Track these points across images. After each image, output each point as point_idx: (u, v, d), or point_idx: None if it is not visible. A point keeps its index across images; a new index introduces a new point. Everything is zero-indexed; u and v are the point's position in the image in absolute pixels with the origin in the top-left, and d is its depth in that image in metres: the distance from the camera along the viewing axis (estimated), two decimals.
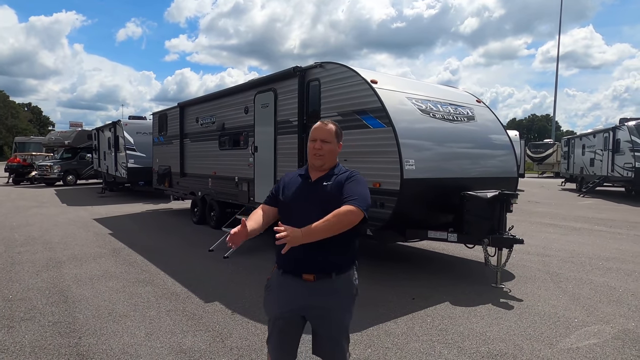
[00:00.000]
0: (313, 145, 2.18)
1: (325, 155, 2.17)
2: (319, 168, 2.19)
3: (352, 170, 2.23)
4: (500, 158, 6.20)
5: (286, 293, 2.12)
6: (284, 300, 2.12)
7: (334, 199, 2.04)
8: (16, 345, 3.37)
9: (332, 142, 2.20)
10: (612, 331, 3.72)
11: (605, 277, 5.40)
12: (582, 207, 13.25)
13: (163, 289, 4.81)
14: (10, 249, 6.76)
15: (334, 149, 2.20)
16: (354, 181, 2.12)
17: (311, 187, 2.16)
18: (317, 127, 2.22)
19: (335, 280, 2.09)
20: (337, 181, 2.13)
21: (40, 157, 25.78)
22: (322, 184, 2.14)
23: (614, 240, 7.91)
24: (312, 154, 2.18)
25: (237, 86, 8.34)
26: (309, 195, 2.13)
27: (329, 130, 2.20)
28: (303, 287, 2.07)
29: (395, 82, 5.94)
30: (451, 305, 4.35)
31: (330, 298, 2.08)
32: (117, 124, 15.41)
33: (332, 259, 2.07)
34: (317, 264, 2.06)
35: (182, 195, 11.04)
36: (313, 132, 2.21)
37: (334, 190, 2.09)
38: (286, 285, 2.12)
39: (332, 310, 2.09)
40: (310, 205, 2.05)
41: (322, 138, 2.17)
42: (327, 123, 2.23)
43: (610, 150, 16.41)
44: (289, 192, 2.18)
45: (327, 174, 2.18)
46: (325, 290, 2.07)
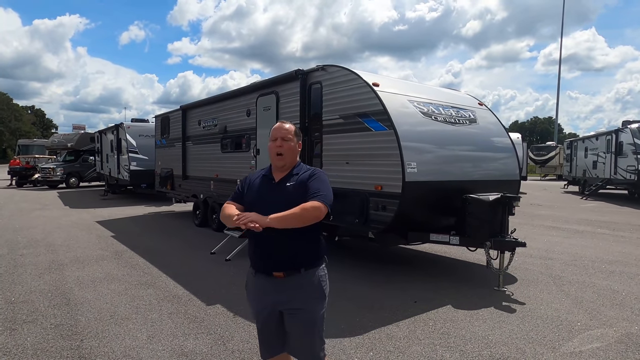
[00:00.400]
0: (274, 144, 2.22)
1: (286, 154, 2.21)
2: (281, 168, 2.24)
3: (314, 168, 2.30)
4: (502, 161, 6.19)
5: (260, 291, 2.21)
6: (259, 298, 2.22)
7: (298, 198, 2.10)
8: (18, 347, 3.38)
9: (292, 140, 2.25)
10: (615, 335, 3.70)
11: (608, 281, 5.37)
12: (585, 210, 13.21)
13: (165, 292, 4.81)
14: (13, 251, 6.78)
15: (294, 147, 2.25)
16: (316, 179, 2.18)
17: (275, 188, 2.21)
18: (276, 127, 2.28)
19: (304, 275, 2.15)
20: (300, 180, 2.18)
21: (43, 159, 25.87)
22: (286, 184, 2.19)
23: (617, 243, 7.88)
24: (274, 153, 2.22)
25: (239, 89, 8.37)
26: (273, 196, 2.17)
27: (288, 129, 2.26)
28: (274, 284, 2.15)
29: (397, 85, 5.95)
30: (453, 308, 4.34)
31: (299, 293, 2.14)
32: (119, 127, 15.46)
33: (300, 255, 2.15)
34: (285, 261, 2.13)
35: (184, 198, 11.06)
36: (273, 132, 2.26)
37: (297, 189, 2.15)
38: (259, 284, 2.20)
39: (303, 305, 2.15)
40: (274, 206, 2.07)
41: (282, 136, 2.22)
42: (286, 122, 2.31)
43: (613, 152, 16.35)
44: (252, 193, 2.23)
45: (289, 174, 2.23)
46: (294, 285, 2.14)
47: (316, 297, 2.19)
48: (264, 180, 2.27)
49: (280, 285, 2.15)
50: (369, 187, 5.22)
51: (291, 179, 2.21)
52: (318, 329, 2.20)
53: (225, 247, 6.75)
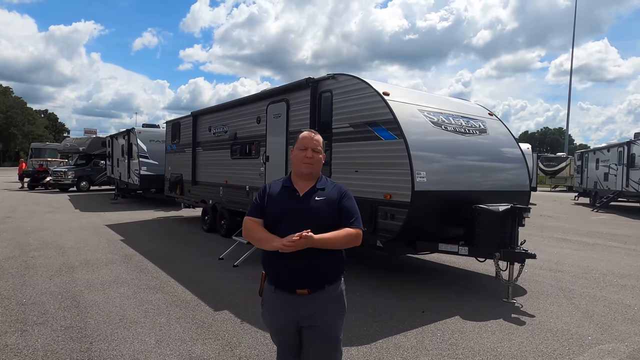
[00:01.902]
0: (304, 154, 2.17)
1: (314, 164, 2.18)
2: (307, 177, 2.18)
3: (337, 183, 2.26)
4: (512, 171, 6.16)
5: (280, 309, 2.13)
6: (280, 315, 2.14)
7: (328, 215, 2.08)
8: (29, 349, 3.42)
9: (321, 153, 2.22)
10: (627, 350, 3.64)
11: (620, 294, 5.30)
12: (596, 222, 13.04)
13: (173, 297, 4.84)
14: (25, 253, 6.87)
15: (321, 159, 2.23)
16: (350, 199, 2.18)
17: (301, 202, 2.13)
18: (307, 136, 2.22)
19: (327, 291, 2.11)
20: (330, 197, 2.14)
21: (55, 163, 26.22)
22: (313, 198, 2.13)
23: (628, 256, 7.77)
24: (301, 162, 2.17)
25: (250, 96, 8.44)
26: (299, 210, 2.10)
27: (318, 140, 2.22)
28: (297, 300, 2.09)
29: (407, 95, 5.97)
30: (461, 319, 4.31)
31: (322, 309, 2.10)
32: (130, 132, 15.65)
33: (325, 272, 2.11)
34: (310, 278, 2.08)
35: (193, 203, 11.13)
36: (303, 140, 2.21)
37: (328, 207, 2.11)
38: (280, 301, 2.12)
39: (325, 321, 2.11)
40: (302, 222, 2.02)
41: (313, 147, 2.18)
42: (316, 133, 2.26)
43: (625, 165, 16.17)
44: (276, 206, 2.14)
45: (314, 187, 2.17)
46: (318, 301, 2.09)
47: (338, 313, 2.16)
48: (287, 192, 2.18)
49: (303, 302, 2.09)
50: (378, 195, 5.22)
51: (317, 193, 2.15)
52: (339, 344, 2.18)
53: (233, 253, 6.78)
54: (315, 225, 2.00)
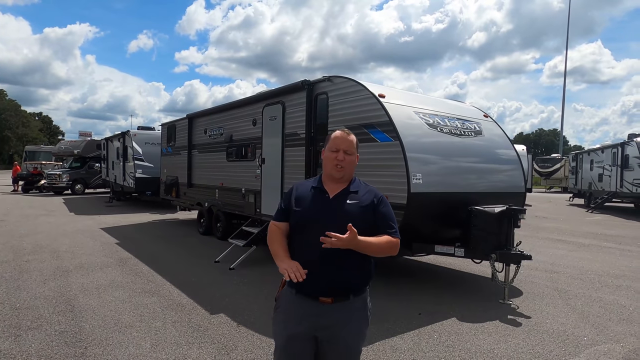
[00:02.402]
0: (335, 155, 2.01)
1: (346, 167, 2.02)
2: (338, 180, 2.04)
3: (372, 187, 2.12)
4: (507, 173, 6.19)
5: (299, 313, 1.96)
6: (297, 320, 1.96)
7: (361, 220, 1.92)
8: (23, 354, 3.39)
9: (354, 154, 2.06)
10: (622, 351, 3.66)
11: (615, 295, 5.32)
12: (591, 223, 13.12)
13: (169, 300, 4.81)
14: (19, 257, 6.81)
15: (354, 161, 2.07)
16: (386, 206, 2.04)
17: (331, 204, 1.99)
18: (340, 136, 2.06)
19: (352, 302, 1.97)
20: (364, 202, 2.00)
21: (50, 165, 26.08)
22: (345, 201, 1.99)
23: (623, 257, 7.81)
24: (333, 164, 2.01)
25: (245, 99, 8.44)
26: (329, 212, 1.96)
27: (351, 141, 2.06)
28: (318, 308, 1.94)
29: (403, 97, 5.98)
30: (458, 321, 4.31)
31: (346, 320, 1.95)
32: (126, 134, 15.60)
33: (352, 280, 1.97)
34: (336, 285, 1.93)
35: (188, 206, 11.10)
36: (335, 140, 2.05)
37: (360, 211, 1.97)
38: (299, 305, 1.96)
39: (346, 332, 1.95)
40: (330, 224, 1.88)
41: (345, 149, 2.02)
42: (349, 133, 2.09)
43: (619, 166, 16.29)
44: (305, 207, 2.00)
45: (346, 190, 2.03)
46: (341, 311, 1.94)
47: (362, 326, 2.01)
48: (316, 193, 2.03)
49: (325, 311, 1.93)
50: None
51: (349, 196, 2.01)
52: (359, 357, 2.02)
53: (229, 255, 6.75)
54: (340, 228, 1.86)
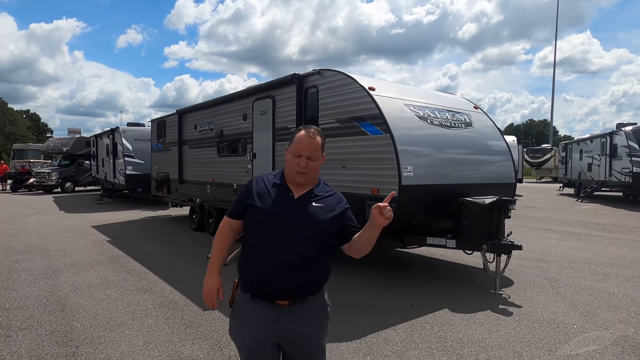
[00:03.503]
0: (297, 161, 1.85)
1: (310, 173, 1.88)
2: (299, 184, 1.91)
3: (336, 191, 2.03)
4: (498, 164, 6.22)
5: (257, 320, 1.86)
6: (256, 329, 1.86)
7: (326, 225, 1.86)
8: (13, 354, 3.35)
9: (318, 158, 1.89)
10: (611, 337, 3.71)
11: (604, 283, 5.40)
12: (581, 212, 13.28)
13: (161, 297, 4.79)
14: (8, 257, 6.73)
15: (318, 165, 1.91)
16: (350, 210, 2.00)
17: (296, 205, 1.87)
18: (302, 139, 1.87)
19: (310, 302, 1.89)
20: (329, 205, 1.91)
21: (39, 164, 25.75)
22: (311, 204, 1.88)
23: (612, 245, 7.92)
24: (295, 170, 1.87)
25: (235, 93, 8.38)
26: (294, 213, 1.85)
27: (316, 145, 1.87)
28: (276, 312, 1.84)
29: (393, 89, 5.98)
30: (450, 312, 4.34)
31: (306, 321, 1.88)
32: (115, 131, 15.44)
33: (310, 281, 1.88)
34: (293, 287, 1.84)
35: (180, 202, 11.03)
36: (297, 145, 1.87)
37: (326, 215, 1.87)
38: (256, 311, 1.86)
39: (309, 333, 1.90)
40: (293, 227, 1.82)
41: (309, 155, 1.85)
42: (315, 135, 1.89)
43: (607, 155, 16.47)
44: (267, 204, 1.86)
45: (311, 192, 1.92)
46: (301, 313, 1.87)
47: (322, 326, 1.96)
48: (280, 191, 1.90)
49: (283, 314, 1.84)
50: (366, 191, 5.22)
51: (315, 199, 1.90)
52: (324, 353, 2.00)
53: None
54: (312, 234, 1.82)
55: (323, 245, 1.88)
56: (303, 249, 1.82)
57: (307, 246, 1.82)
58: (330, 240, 1.91)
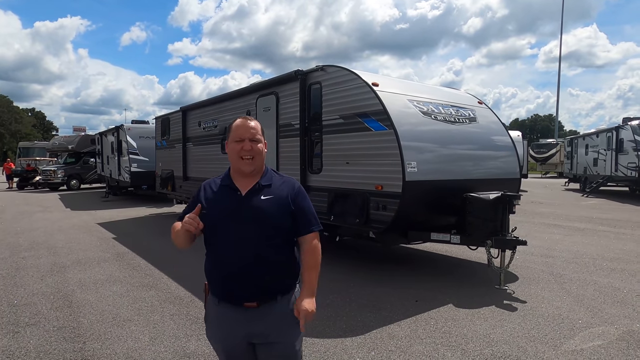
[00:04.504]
0: (241, 146, 1.81)
1: (256, 157, 1.83)
2: (248, 175, 1.85)
3: (287, 177, 1.94)
4: (502, 159, 6.20)
5: (227, 325, 1.83)
6: (226, 334, 1.84)
7: (275, 218, 1.79)
8: (21, 350, 3.39)
9: (261, 141, 1.86)
10: (616, 332, 3.71)
11: (609, 278, 5.37)
12: (586, 207, 13.20)
13: (167, 293, 4.82)
14: (15, 254, 6.80)
15: (263, 150, 1.86)
16: (304, 197, 1.88)
17: (243, 203, 1.81)
18: (240, 124, 1.85)
19: (280, 302, 1.83)
20: (279, 196, 1.83)
21: (44, 162, 25.91)
22: (259, 197, 1.81)
23: (618, 240, 7.88)
24: (239, 156, 1.82)
25: (239, 90, 8.38)
26: (242, 212, 1.79)
27: (255, 127, 1.85)
28: (245, 315, 1.80)
29: (397, 85, 5.95)
30: (454, 307, 4.35)
31: (277, 322, 1.82)
32: (120, 129, 15.49)
33: (276, 280, 1.82)
34: (259, 288, 1.79)
35: (185, 199, 11.06)
36: (236, 130, 1.84)
37: (275, 207, 1.80)
38: (225, 316, 1.83)
39: (280, 337, 1.83)
40: (245, 225, 1.77)
41: (250, 137, 1.82)
42: (251, 119, 1.88)
43: (613, 149, 16.35)
44: (214, 208, 1.82)
45: (258, 184, 1.85)
46: (270, 315, 1.81)
47: (294, 328, 1.84)
48: (226, 191, 1.85)
49: (252, 316, 1.80)
50: (370, 187, 5.22)
51: (263, 191, 1.83)
52: (298, 356, 1.91)
53: None
54: (265, 230, 1.77)
55: (280, 238, 1.81)
56: (257, 247, 1.76)
57: (261, 243, 1.77)
58: (287, 232, 1.83)
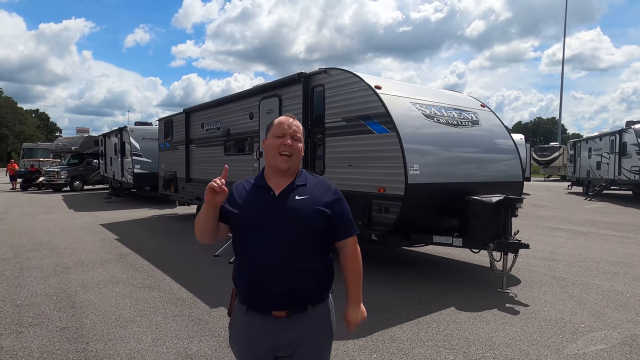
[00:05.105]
0: (281, 142, 1.74)
1: (294, 156, 1.77)
2: (284, 173, 1.77)
3: (321, 178, 1.87)
4: (505, 162, 6.19)
5: (254, 335, 1.74)
6: (252, 343, 1.75)
7: (310, 219, 1.70)
8: (25, 350, 3.41)
9: (302, 141, 1.81)
10: (619, 337, 3.69)
11: (612, 282, 5.36)
12: (589, 211, 13.16)
13: (169, 294, 4.84)
14: (19, 255, 6.83)
15: (302, 150, 1.81)
16: (340, 199, 1.81)
17: (277, 203, 1.73)
18: (283, 121, 1.79)
19: (311, 314, 1.74)
20: (314, 196, 1.75)
21: (48, 163, 26.02)
22: (293, 197, 1.73)
23: (621, 244, 7.85)
24: (278, 152, 1.74)
25: (242, 92, 8.41)
26: (275, 213, 1.71)
27: (298, 126, 1.80)
28: (273, 324, 1.71)
29: (399, 88, 5.97)
30: (456, 310, 4.34)
31: (306, 334, 1.73)
32: (123, 130, 15.55)
33: (307, 288, 1.73)
34: (289, 296, 1.70)
35: (187, 201, 11.10)
36: (278, 126, 1.77)
37: (310, 208, 1.72)
38: (253, 325, 1.74)
39: (309, 349, 1.74)
40: (277, 227, 1.69)
41: (292, 134, 1.76)
42: (293, 118, 1.83)
43: (617, 153, 16.30)
44: (246, 209, 1.74)
45: (292, 185, 1.77)
46: (300, 325, 1.72)
47: (325, 338, 1.79)
48: (260, 192, 1.78)
49: (281, 326, 1.71)
50: (372, 189, 5.23)
51: (297, 191, 1.75)
52: None
53: (228, 249, 6.77)
54: (299, 232, 1.69)
55: (314, 243, 1.73)
56: (290, 250, 1.68)
57: (294, 246, 1.68)
58: (322, 236, 1.75)
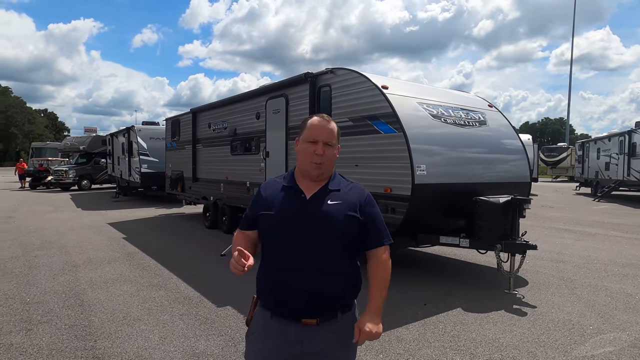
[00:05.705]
0: (313, 149, 1.65)
1: (326, 163, 1.68)
2: (315, 178, 1.70)
3: (355, 183, 1.80)
4: (512, 163, 6.16)
5: (277, 343, 1.64)
6: (276, 353, 1.64)
7: (343, 225, 1.64)
8: (34, 347, 3.45)
9: (335, 146, 1.71)
10: (628, 339, 3.66)
11: (621, 284, 5.31)
12: (597, 212, 13.04)
13: (176, 293, 4.86)
14: (28, 253, 6.90)
15: (335, 155, 1.71)
16: (374, 207, 1.75)
17: (308, 206, 1.66)
18: (317, 124, 1.68)
19: (341, 321, 1.69)
20: (348, 202, 1.68)
21: (56, 162, 26.26)
22: (326, 202, 1.66)
23: (630, 246, 7.77)
24: (310, 160, 1.66)
25: (248, 92, 8.44)
26: (306, 216, 1.64)
27: (332, 130, 1.69)
28: (300, 332, 1.63)
29: (406, 88, 5.95)
30: (463, 311, 4.32)
31: (334, 342, 1.67)
32: (130, 130, 15.66)
33: (334, 292, 1.66)
34: (319, 302, 1.63)
35: (194, 200, 11.15)
36: (312, 130, 1.68)
37: (343, 214, 1.65)
38: (277, 331, 1.65)
39: (336, 357, 1.70)
40: (307, 231, 1.62)
41: (325, 140, 1.66)
42: (330, 120, 1.72)
43: (626, 154, 16.13)
44: (276, 210, 1.67)
45: (325, 188, 1.70)
46: (328, 334, 1.65)
47: (353, 347, 1.73)
48: (290, 194, 1.70)
49: (309, 334, 1.63)
50: (379, 189, 5.22)
51: (330, 195, 1.68)
52: None
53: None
54: (329, 237, 1.62)
55: (343, 247, 1.66)
56: (319, 250, 1.62)
57: (323, 247, 1.62)
58: (352, 241, 1.69)
